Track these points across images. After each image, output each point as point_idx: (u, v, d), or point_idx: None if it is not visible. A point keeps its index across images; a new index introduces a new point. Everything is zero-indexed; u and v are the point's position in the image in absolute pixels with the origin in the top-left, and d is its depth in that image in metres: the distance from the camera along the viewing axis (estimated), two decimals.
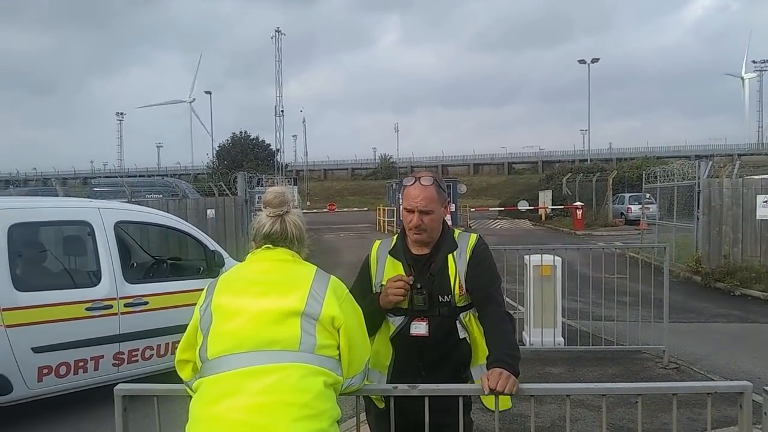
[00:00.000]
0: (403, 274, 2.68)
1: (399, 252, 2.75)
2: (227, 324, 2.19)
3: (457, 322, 2.69)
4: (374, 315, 2.68)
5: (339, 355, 2.21)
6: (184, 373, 2.34)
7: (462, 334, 2.70)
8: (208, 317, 2.24)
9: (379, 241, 2.88)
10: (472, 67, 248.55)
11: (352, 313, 2.29)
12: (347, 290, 2.34)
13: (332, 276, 2.35)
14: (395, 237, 2.82)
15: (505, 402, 2.59)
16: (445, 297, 2.65)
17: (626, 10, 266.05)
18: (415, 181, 2.67)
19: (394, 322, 2.70)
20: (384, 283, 2.69)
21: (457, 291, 2.66)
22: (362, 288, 2.78)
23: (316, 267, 2.37)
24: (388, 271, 2.73)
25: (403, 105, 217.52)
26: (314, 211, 45.26)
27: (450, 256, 2.70)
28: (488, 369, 2.38)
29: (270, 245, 2.37)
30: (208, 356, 2.17)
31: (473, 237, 2.78)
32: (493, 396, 2.31)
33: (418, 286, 2.64)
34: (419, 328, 2.65)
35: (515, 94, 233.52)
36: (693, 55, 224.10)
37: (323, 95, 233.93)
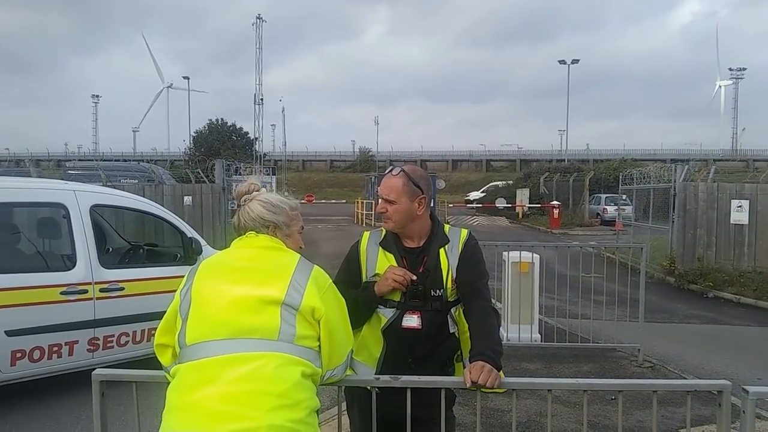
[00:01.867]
0: (396, 265, 2.68)
1: (390, 244, 2.75)
2: (206, 309, 2.16)
3: (448, 316, 2.70)
4: (367, 303, 2.68)
5: (319, 346, 2.19)
6: (164, 358, 2.31)
7: (452, 329, 2.71)
8: (187, 302, 2.22)
9: (368, 233, 2.87)
10: (458, 61, 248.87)
11: (334, 304, 2.27)
12: (330, 281, 2.32)
13: (315, 266, 2.32)
14: (384, 229, 2.81)
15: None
16: (438, 291, 2.66)
17: (615, 11, 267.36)
18: (388, 172, 2.76)
19: (386, 314, 2.68)
20: (379, 271, 2.68)
21: (449, 285, 2.66)
22: (350, 278, 2.77)
23: (299, 256, 2.35)
24: (381, 263, 2.72)
25: (385, 97, 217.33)
26: None
27: (442, 251, 2.71)
28: (470, 362, 2.38)
29: (255, 232, 2.34)
30: (186, 342, 2.15)
31: (464, 232, 2.79)
32: (482, 384, 2.30)
33: (414, 281, 2.64)
34: (411, 320, 2.65)
35: (498, 92, 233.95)
36: (678, 58, 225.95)
37: (306, 84, 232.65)
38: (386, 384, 2.39)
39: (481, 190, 46.57)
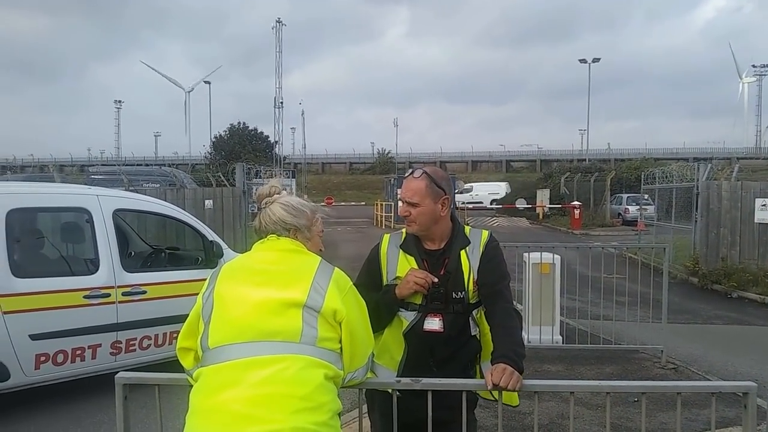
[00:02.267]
0: (417, 268, 2.67)
1: (411, 246, 2.73)
2: (228, 313, 2.18)
3: (470, 318, 2.69)
4: (388, 306, 2.67)
5: (341, 348, 2.20)
6: (186, 362, 2.32)
7: (474, 331, 2.70)
8: (209, 305, 2.23)
9: (388, 236, 2.86)
10: (478, 62, 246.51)
11: (355, 306, 2.27)
12: (351, 283, 2.32)
13: (336, 268, 2.33)
14: (404, 231, 2.81)
15: (512, 398, 2.57)
16: (459, 294, 2.64)
17: (637, 8, 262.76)
18: (409, 174, 2.72)
19: (407, 317, 2.67)
20: (400, 274, 2.67)
21: (471, 288, 2.65)
22: (371, 281, 2.77)
23: (320, 258, 2.36)
24: (402, 266, 2.71)
25: (405, 99, 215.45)
26: None
27: (463, 252, 2.69)
28: (492, 364, 2.36)
29: (276, 235, 2.36)
30: (209, 345, 2.16)
31: (485, 233, 2.78)
32: (503, 387, 2.28)
33: (436, 284, 2.63)
34: (433, 323, 2.63)
35: (518, 91, 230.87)
36: (701, 55, 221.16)
37: (326, 86, 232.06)
38: (407, 387, 2.38)
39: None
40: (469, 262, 2.67)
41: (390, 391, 2.58)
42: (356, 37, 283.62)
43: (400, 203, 2.72)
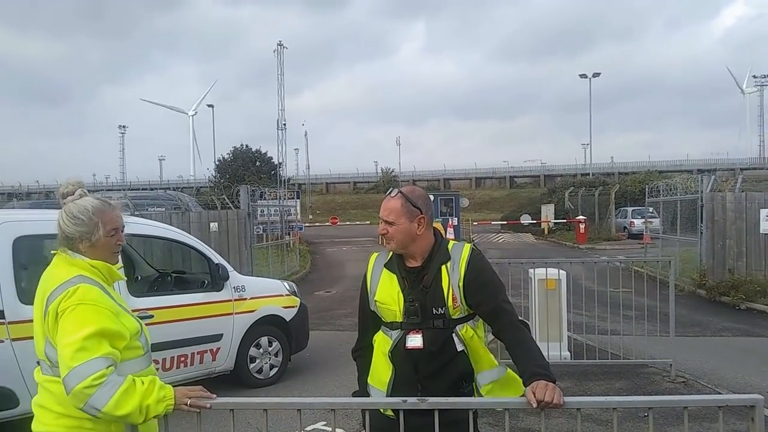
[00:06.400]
0: (398, 286, 2.70)
1: (394, 264, 2.76)
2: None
3: (453, 334, 2.66)
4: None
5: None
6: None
7: (459, 347, 2.66)
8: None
9: (376, 254, 2.90)
10: (493, 76, 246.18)
11: (68, 325, 2.25)
12: (79, 302, 2.28)
13: (75, 286, 2.31)
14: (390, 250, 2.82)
15: None
16: (439, 309, 2.63)
17: (656, 18, 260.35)
18: (387, 194, 2.78)
19: (391, 336, 2.69)
20: (378, 297, 2.74)
21: (450, 303, 2.63)
22: (363, 306, 2.88)
23: (67, 278, 2.36)
24: (384, 283, 2.74)
25: (415, 116, 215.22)
26: (317, 224, 45.28)
27: (443, 268, 2.68)
28: (527, 382, 2.36)
29: (58, 251, 2.49)
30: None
31: (467, 247, 2.75)
32: (548, 402, 2.27)
33: (411, 299, 2.65)
34: (414, 340, 2.63)
35: (530, 106, 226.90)
36: (718, 65, 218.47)
37: (338, 104, 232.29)
38: (413, 406, 2.38)
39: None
40: (449, 277, 2.65)
41: (382, 411, 2.61)
42: (370, 53, 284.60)
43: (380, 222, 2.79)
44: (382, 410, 2.66)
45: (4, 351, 5.06)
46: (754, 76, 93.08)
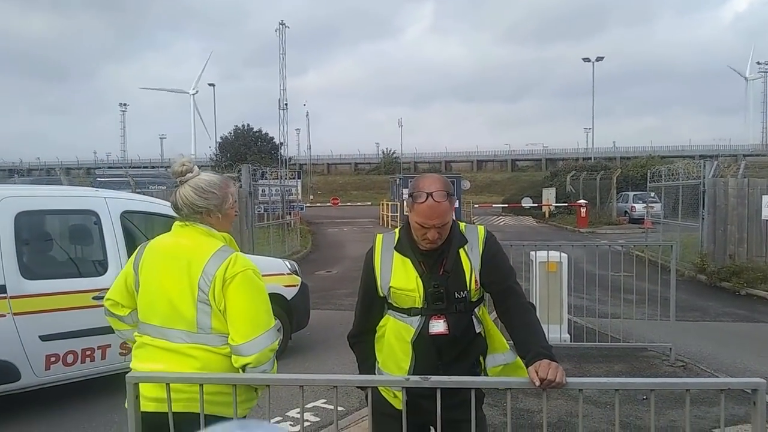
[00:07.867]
0: (414, 271, 2.58)
1: (406, 248, 2.62)
2: (147, 292, 2.53)
3: (473, 316, 2.63)
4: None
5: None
6: (117, 311, 2.71)
7: (478, 329, 2.65)
8: (137, 278, 2.58)
9: (381, 237, 2.74)
10: (499, 58, 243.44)
11: (242, 293, 2.44)
12: (244, 268, 2.46)
13: (233, 254, 2.49)
14: (397, 231, 2.71)
15: None
16: (461, 293, 2.58)
17: (666, 3, 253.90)
18: (427, 198, 2.47)
19: (412, 324, 2.58)
20: (394, 283, 2.59)
21: (473, 286, 2.59)
22: (368, 287, 2.69)
23: (220, 244, 2.53)
24: (397, 269, 2.61)
25: (419, 98, 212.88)
26: (318, 205, 45.26)
27: (462, 251, 2.62)
28: (529, 362, 2.33)
29: (185, 221, 2.57)
30: (139, 316, 2.58)
31: (481, 229, 2.71)
32: (551, 380, 2.25)
33: (435, 284, 2.55)
34: (438, 326, 2.56)
35: (535, 89, 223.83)
36: (728, 51, 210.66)
37: (341, 85, 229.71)
38: (416, 384, 2.37)
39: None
40: (470, 260, 2.60)
41: (392, 397, 2.63)
42: (375, 33, 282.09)
43: (419, 227, 2.52)
44: (389, 399, 2.65)
45: (6, 325, 5.08)
46: (758, 63, 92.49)
